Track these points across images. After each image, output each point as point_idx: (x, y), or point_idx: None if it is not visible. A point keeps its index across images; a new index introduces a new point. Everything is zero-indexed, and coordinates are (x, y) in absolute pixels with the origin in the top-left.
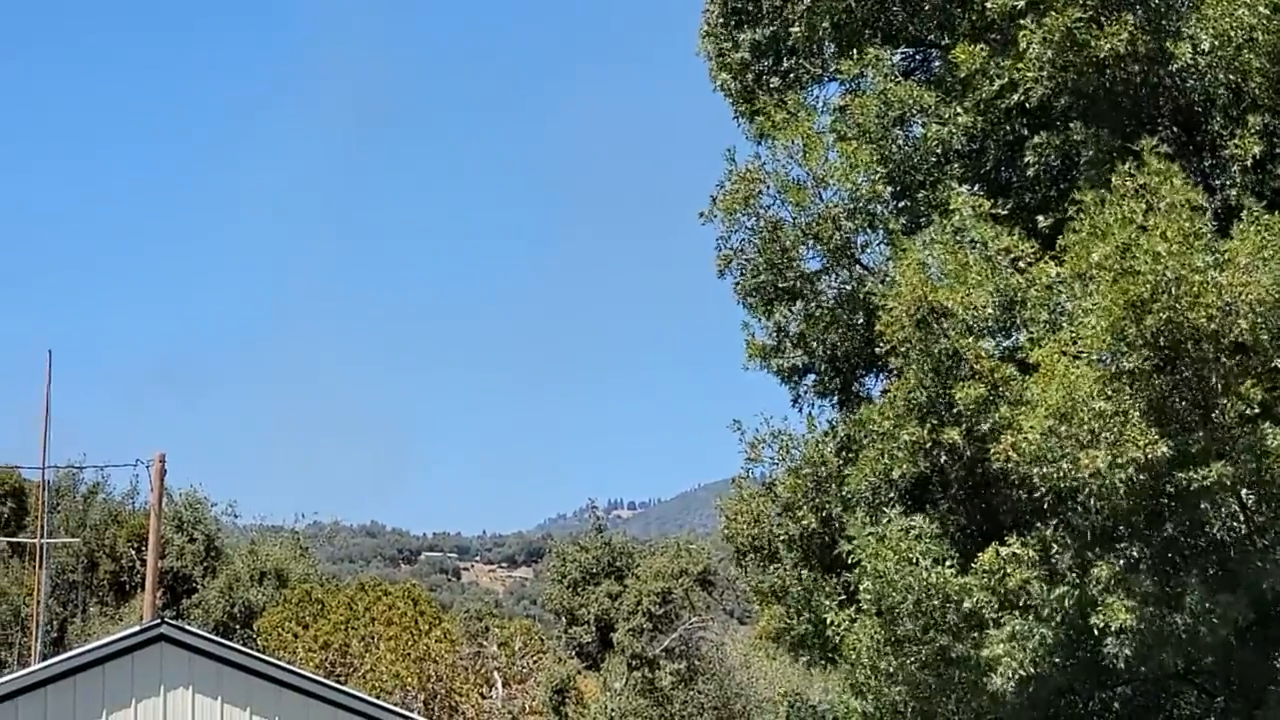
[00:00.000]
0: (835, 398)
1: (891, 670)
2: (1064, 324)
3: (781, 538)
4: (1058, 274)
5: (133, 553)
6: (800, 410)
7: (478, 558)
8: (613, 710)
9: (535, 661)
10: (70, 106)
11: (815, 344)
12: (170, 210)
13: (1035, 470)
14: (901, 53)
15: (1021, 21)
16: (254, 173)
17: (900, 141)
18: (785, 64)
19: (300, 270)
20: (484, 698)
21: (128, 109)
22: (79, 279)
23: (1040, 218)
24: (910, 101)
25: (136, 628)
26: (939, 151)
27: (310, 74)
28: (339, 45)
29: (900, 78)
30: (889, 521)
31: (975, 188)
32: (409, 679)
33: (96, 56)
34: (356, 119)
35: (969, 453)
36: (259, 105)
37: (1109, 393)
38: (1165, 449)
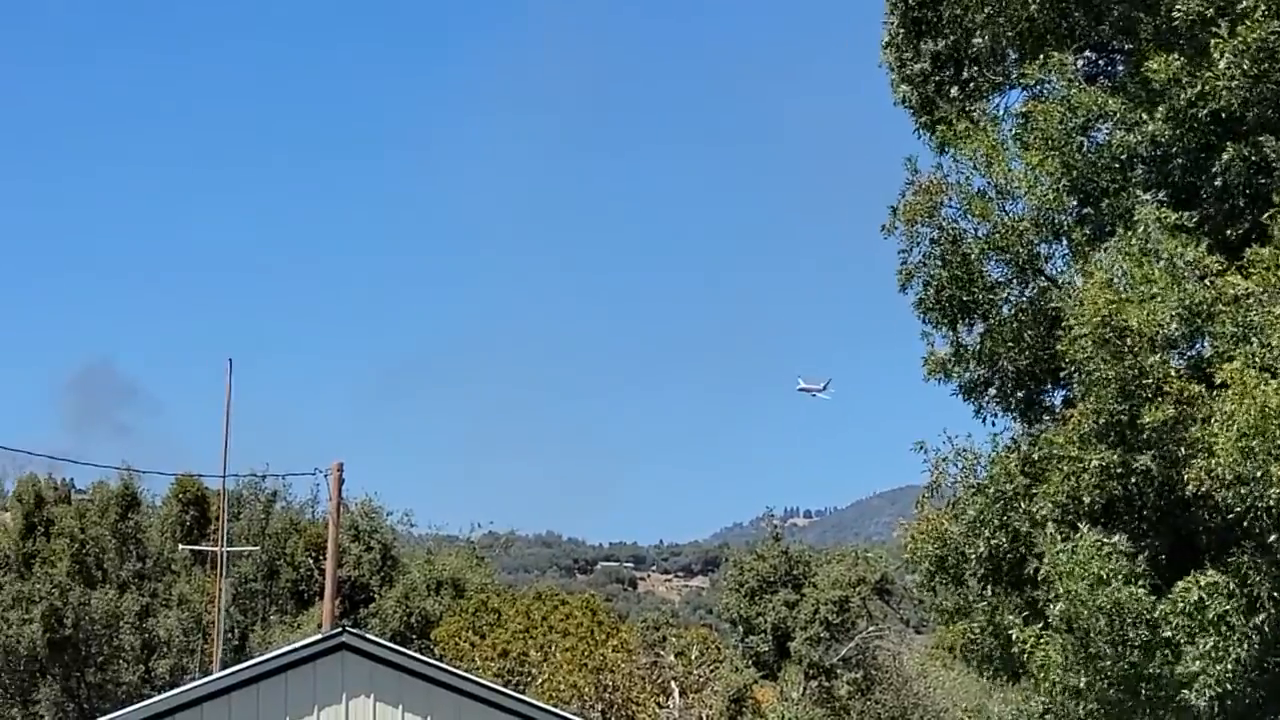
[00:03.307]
0: (1018, 411)
1: (1082, 687)
2: (1252, 338)
3: (971, 556)
4: (1246, 287)
5: (311, 561)
6: (984, 422)
7: (654, 567)
8: (790, 719)
9: (712, 671)
10: (251, 117)
11: (998, 357)
12: (358, 221)
13: (1228, 493)
14: (1084, 58)
15: (1214, 29)
16: (443, 184)
17: (1084, 149)
18: (965, 74)
19: (486, 282)
20: (661, 707)
21: (317, 121)
22: (268, 289)
23: (1228, 229)
24: (1095, 108)
25: (318, 636)
26: (1123, 159)
27: (501, 88)
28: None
29: (1084, 83)
30: (1080, 539)
31: (1159, 194)
32: (586, 689)
33: (277, 66)
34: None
35: (1159, 477)
36: (448, 119)
37: None
38: None
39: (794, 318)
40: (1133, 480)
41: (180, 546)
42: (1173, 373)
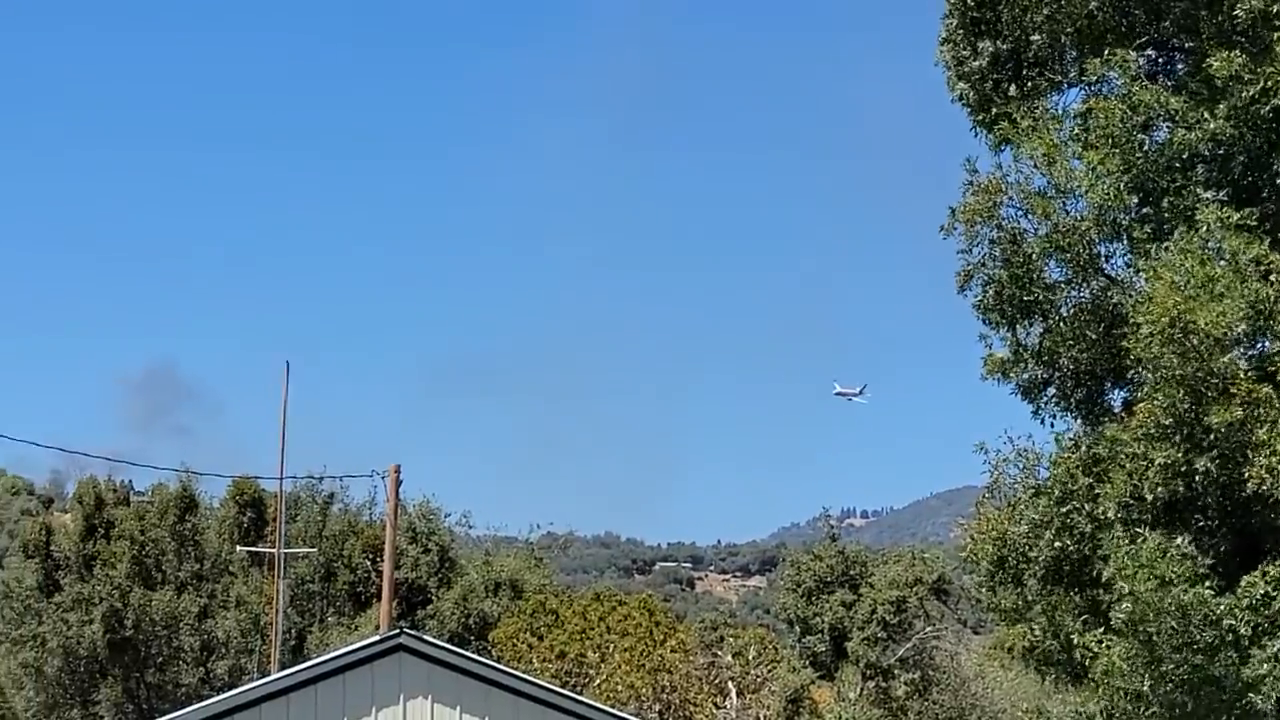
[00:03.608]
0: (1078, 410)
1: (1145, 691)
2: None
3: (1033, 557)
4: None
5: (368, 563)
6: (1042, 423)
7: (711, 567)
8: None
9: (769, 671)
10: (307, 117)
11: (1058, 357)
12: (415, 221)
13: None
14: (1144, 56)
15: (1276, 26)
16: (500, 183)
17: (1145, 147)
18: (1024, 72)
19: (544, 282)
20: (718, 708)
21: (374, 121)
22: (326, 291)
23: None
24: (1156, 106)
25: (376, 637)
26: (1184, 157)
27: (555, 86)
28: (581, 59)
29: (1145, 81)
30: (1144, 541)
31: (1220, 193)
32: (644, 689)
33: (332, 67)
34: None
35: (1223, 477)
36: (506, 118)
37: None
38: None
39: (853, 317)
40: (1196, 479)
41: (237, 548)
42: (1240, 373)
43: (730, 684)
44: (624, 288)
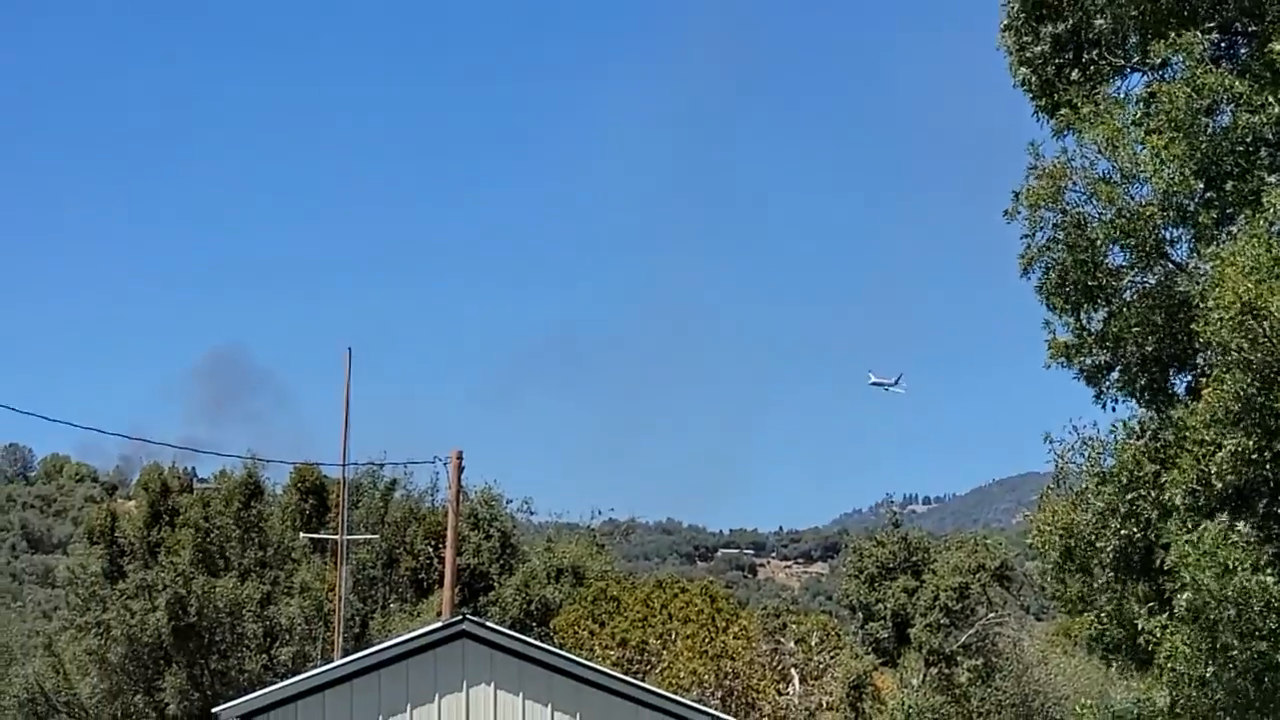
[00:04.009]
0: (1142, 396)
1: (1208, 678)
2: None
3: (1100, 546)
4: None
5: (430, 550)
6: (1104, 407)
7: (773, 554)
8: (910, 707)
9: (832, 657)
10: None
11: (1123, 342)
12: (477, 208)
13: None
14: (1208, 39)
15: None
16: (565, 172)
17: (1209, 131)
18: (1085, 57)
19: (606, 270)
20: (781, 694)
21: (442, 112)
22: (392, 278)
23: None
24: (1220, 89)
25: (439, 624)
26: (1248, 140)
27: (626, 77)
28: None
29: (1209, 65)
30: (1205, 529)
31: None
32: (706, 676)
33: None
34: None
35: None
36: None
37: None
38: None
39: (921, 303)
40: (1266, 465)
41: (300, 535)
42: None
43: (793, 670)
44: (696, 276)
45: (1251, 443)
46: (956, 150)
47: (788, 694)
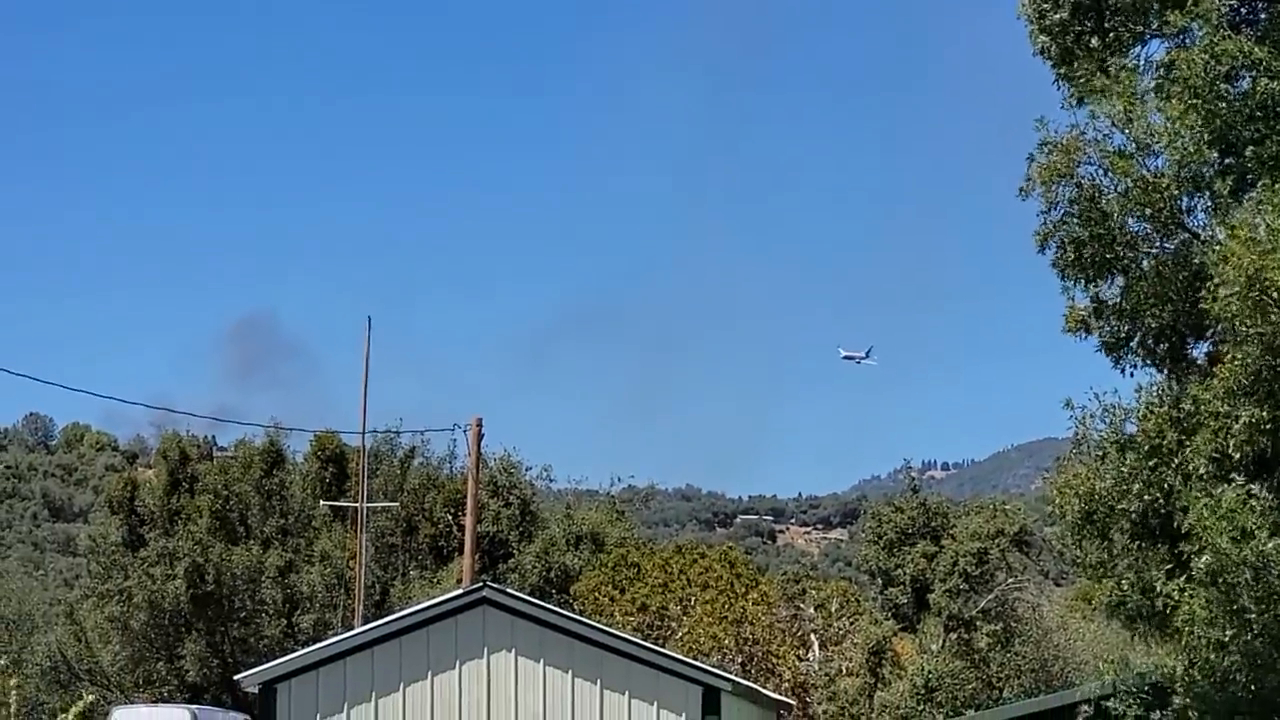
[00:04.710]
0: (1162, 364)
1: (1226, 641)
2: None
3: (1120, 512)
4: None
5: (450, 517)
6: (1123, 373)
7: (793, 520)
8: (929, 672)
9: (851, 623)
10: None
11: (1140, 312)
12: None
13: None
14: (1227, 5)
15: None
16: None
17: (1228, 97)
18: (1106, 24)
19: (627, 237)
20: (800, 660)
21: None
22: (417, 245)
23: None
24: (1239, 56)
25: (460, 591)
26: (1266, 105)
27: (649, 44)
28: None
29: (1229, 31)
30: (1223, 493)
31: None
32: (726, 641)
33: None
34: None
35: None
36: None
37: None
38: None
39: (938, 266)
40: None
41: (320, 503)
42: None
43: (812, 636)
44: (702, 241)
45: (1265, 414)
46: (988, 112)
47: (807, 659)
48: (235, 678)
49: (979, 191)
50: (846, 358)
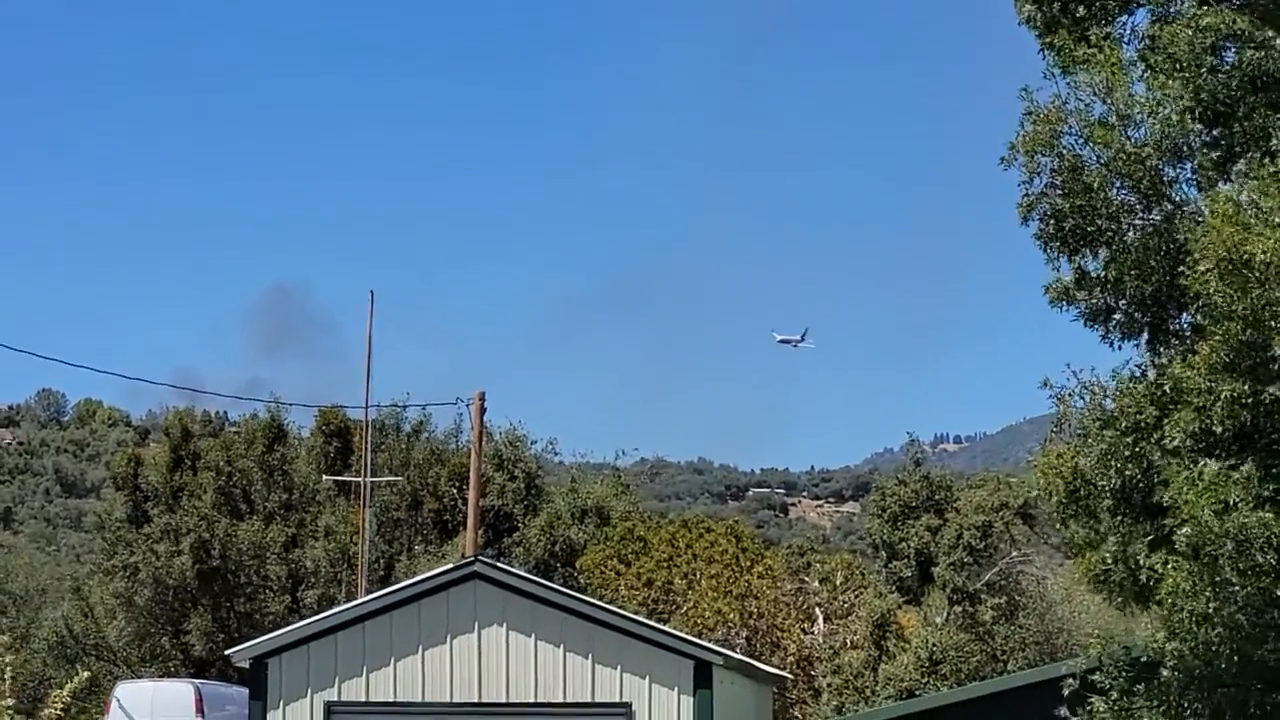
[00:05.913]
0: (1144, 336)
1: (1209, 613)
2: None
3: (1103, 488)
4: None
5: (455, 491)
6: (1111, 345)
7: (805, 493)
8: (934, 645)
9: (856, 596)
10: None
11: (1123, 284)
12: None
13: None
14: None
15: None
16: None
17: (1213, 69)
18: None
19: (639, 212)
20: (805, 633)
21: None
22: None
23: None
24: (1223, 28)
25: (450, 565)
26: (1254, 76)
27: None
28: None
29: (1213, 3)
30: (1205, 466)
31: None
32: (731, 615)
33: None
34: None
35: None
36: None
37: None
38: None
39: (949, 237)
40: (1262, 409)
41: (324, 477)
42: None
43: (817, 609)
44: (717, 216)
45: (1246, 388)
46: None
47: (812, 633)
48: (227, 652)
49: (996, 164)
50: (782, 341)
